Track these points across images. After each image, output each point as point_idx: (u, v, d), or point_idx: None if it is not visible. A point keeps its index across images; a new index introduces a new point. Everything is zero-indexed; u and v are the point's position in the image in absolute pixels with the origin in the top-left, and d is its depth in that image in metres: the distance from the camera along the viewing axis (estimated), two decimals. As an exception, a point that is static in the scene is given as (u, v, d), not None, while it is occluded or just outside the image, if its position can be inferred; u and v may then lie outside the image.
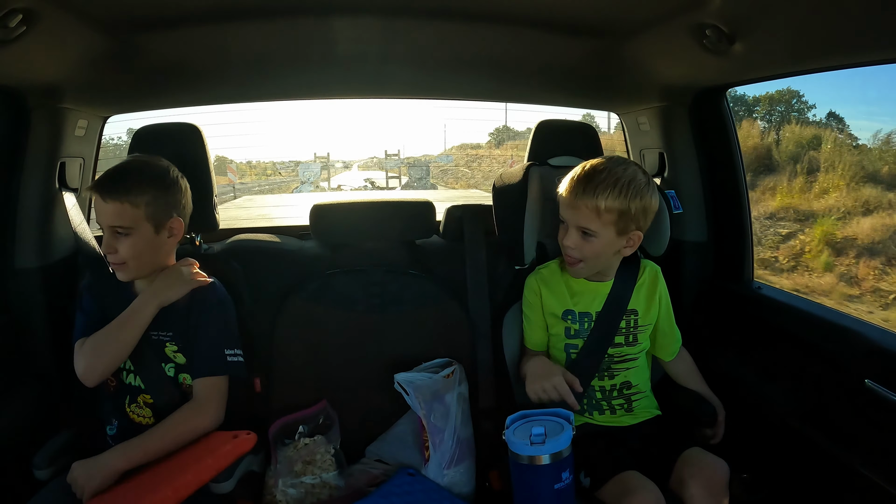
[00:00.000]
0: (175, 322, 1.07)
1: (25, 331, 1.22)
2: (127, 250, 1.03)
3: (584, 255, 1.08)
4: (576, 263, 1.09)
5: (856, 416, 1.02)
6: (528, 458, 0.92)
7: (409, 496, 1.09)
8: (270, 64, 1.31)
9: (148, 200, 1.04)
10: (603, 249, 1.07)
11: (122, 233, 1.03)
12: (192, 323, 1.07)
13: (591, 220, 1.05)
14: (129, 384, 1.07)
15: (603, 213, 1.04)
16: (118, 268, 1.05)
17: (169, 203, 1.07)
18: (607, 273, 1.15)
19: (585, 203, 1.04)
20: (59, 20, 0.94)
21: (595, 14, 1.08)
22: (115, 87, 1.30)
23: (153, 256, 1.08)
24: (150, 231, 1.05)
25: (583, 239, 1.07)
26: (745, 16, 0.95)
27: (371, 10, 1.08)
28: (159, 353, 1.07)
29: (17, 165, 1.21)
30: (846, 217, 6.44)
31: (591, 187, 1.04)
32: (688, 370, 1.23)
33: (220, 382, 1.06)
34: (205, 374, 1.05)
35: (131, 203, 1.03)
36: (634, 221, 1.06)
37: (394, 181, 20.95)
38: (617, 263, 1.15)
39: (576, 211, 1.06)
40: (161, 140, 1.22)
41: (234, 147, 31.65)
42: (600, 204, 1.03)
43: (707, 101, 1.38)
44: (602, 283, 1.15)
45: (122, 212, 1.02)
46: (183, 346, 1.07)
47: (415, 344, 1.28)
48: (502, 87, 1.57)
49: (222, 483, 0.98)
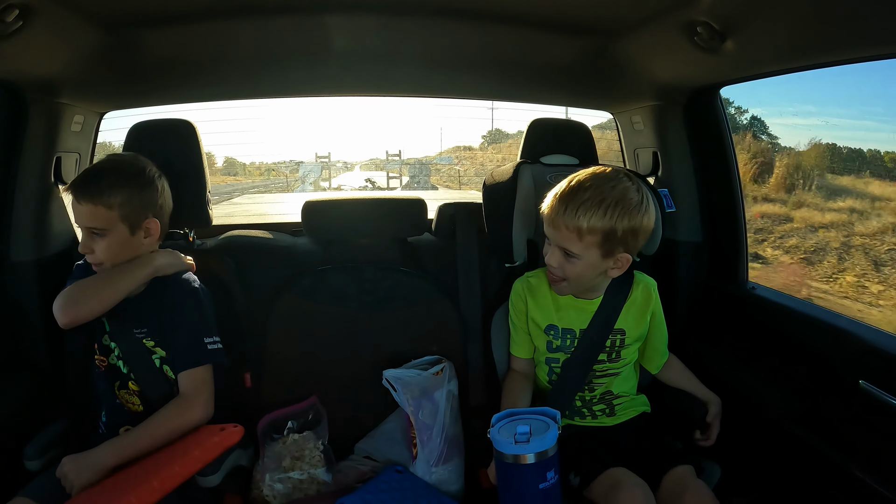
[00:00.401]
0: (149, 318, 1.07)
1: (20, 323, 1.23)
2: (103, 251, 1.04)
3: (566, 275, 1.02)
4: (559, 282, 1.05)
5: (850, 417, 1.01)
6: (512, 456, 0.91)
7: (397, 493, 1.09)
8: (268, 60, 1.31)
9: (122, 202, 1.03)
10: (585, 271, 1.01)
11: (98, 234, 1.03)
12: (168, 316, 1.07)
13: (572, 242, 0.98)
14: (118, 368, 1.07)
15: (585, 234, 0.96)
16: (96, 268, 1.06)
17: (144, 204, 1.07)
18: (596, 290, 1.10)
19: (566, 223, 0.96)
20: (56, 15, 0.95)
21: (587, 13, 1.09)
22: (112, 83, 1.31)
23: (130, 257, 1.07)
24: (126, 232, 1.05)
25: (565, 259, 1.00)
26: (736, 13, 0.95)
27: (368, 9, 1.09)
28: (141, 346, 1.07)
29: (13, 160, 1.22)
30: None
31: (573, 206, 0.96)
32: (678, 374, 1.21)
33: (205, 374, 1.05)
34: (189, 366, 1.04)
35: (105, 205, 1.02)
36: (622, 243, 0.98)
37: (394, 181, 21.05)
38: (606, 283, 1.10)
39: (557, 231, 0.99)
40: (155, 136, 1.23)
41: (236, 143, 31.86)
42: (582, 224, 0.95)
43: (701, 100, 1.38)
44: (589, 300, 1.10)
45: (95, 213, 1.02)
46: (159, 340, 1.07)
47: (406, 341, 1.28)
48: (497, 86, 1.57)
49: (209, 476, 0.98)
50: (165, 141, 1.22)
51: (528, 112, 23.24)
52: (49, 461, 1.02)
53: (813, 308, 1.22)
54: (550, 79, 1.42)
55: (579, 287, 1.07)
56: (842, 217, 6.47)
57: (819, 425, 1.05)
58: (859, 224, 6.26)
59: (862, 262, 5.72)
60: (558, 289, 1.07)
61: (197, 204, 1.23)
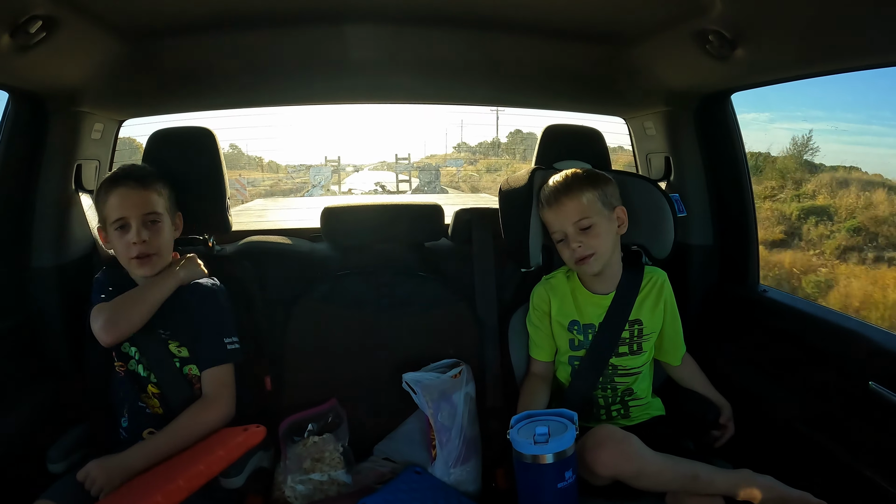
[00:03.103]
0: (173, 318, 1.09)
1: (41, 328, 1.24)
2: (157, 238, 1.08)
3: (592, 248, 1.12)
4: (587, 258, 1.13)
5: (860, 417, 1.02)
6: (531, 457, 0.93)
7: (416, 493, 1.10)
8: (282, 70, 1.33)
9: (167, 193, 1.13)
10: (603, 235, 1.13)
11: (155, 221, 1.08)
12: (191, 317, 1.09)
13: (580, 211, 1.12)
14: (137, 373, 1.09)
15: (586, 201, 1.13)
16: (145, 260, 1.08)
17: (171, 198, 1.14)
18: (611, 283, 1.17)
19: (569, 200, 1.13)
20: (79, 27, 0.97)
21: (600, 21, 1.11)
22: (131, 92, 1.33)
23: (169, 249, 1.13)
24: (170, 221, 1.12)
25: (583, 234, 1.12)
26: (747, 22, 0.97)
27: (382, 18, 1.10)
28: (164, 348, 1.09)
29: (34, 167, 1.24)
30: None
31: (565, 187, 1.14)
32: (692, 374, 1.23)
33: (226, 374, 1.08)
34: (210, 366, 1.07)
35: (156, 192, 1.10)
36: (613, 199, 1.15)
37: (404, 185, 20.95)
38: (619, 265, 1.18)
39: (564, 212, 1.13)
40: (175, 144, 1.25)
41: (252, 139, 31.98)
42: (581, 195, 1.13)
43: (712, 105, 1.40)
44: (604, 295, 1.17)
45: (150, 199, 1.09)
46: (184, 340, 1.10)
47: (423, 344, 1.30)
48: (510, 92, 1.59)
49: (233, 478, 1.00)
50: (185, 148, 1.24)
51: (528, 116, 23.08)
52: (72, 464, 1.04)
53: (823, 310, 1.23)
54: (564, 85, 1.45)
55: (605, 255, 1.14)
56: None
57: (829, 426, 1.06)
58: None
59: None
60: (589, 266, 1.14)
61: (216, 210, 1.25)
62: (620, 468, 0.96)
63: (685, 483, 0.98)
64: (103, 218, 1.10)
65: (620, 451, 0.96)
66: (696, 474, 0.98)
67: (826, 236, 7.57)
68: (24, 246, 1.24)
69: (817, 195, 8.47)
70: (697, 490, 0.98)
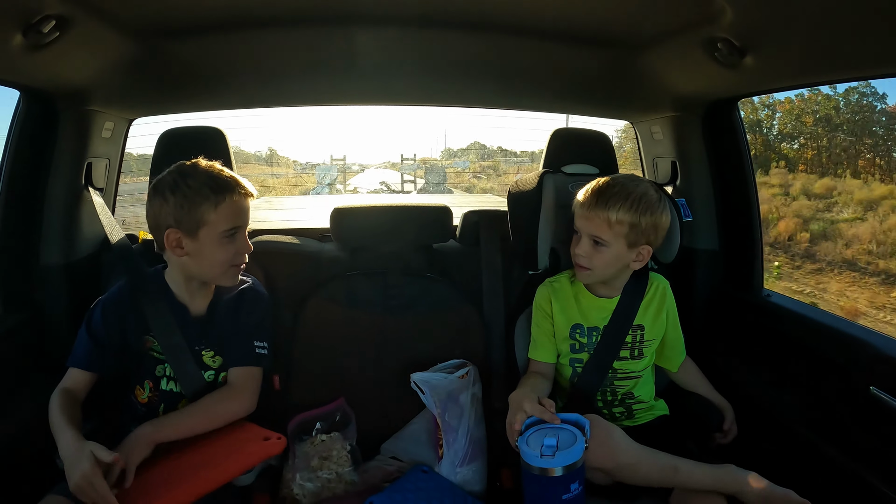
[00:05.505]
0: (214, 329, 1.10)
1: (50, 325, 1.25)
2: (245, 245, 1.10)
3: (592, 265, 1.12)
4: (584, 270, 1.13)
5: (861, 423, 1.03)
6: (539, 469, 0.93)
7: (423, 492, 1.11)
8: (290, 71, 1.34)
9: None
10: (612, 260, 1.11)
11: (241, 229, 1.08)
12: (233, 322, 1.11)
13: (603, 230, 1.09)
14: (168, 391, 1.09)
15: (614, 224, 1.08)
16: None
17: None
18: (616, 288, 1.18)
19: (598, 214, 1.09)
20: (91, 27, 0.97)
21: (610, 27, 1.11)
22: (142, 91, 1.34)
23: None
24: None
25: (594, 248, 1.11)
26: (756, 30, 0.98)
27: (390, 21, 1.11)
28: (199, 362, 1.09)
29: (45, 165, 1.24)
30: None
31: (603, 199, 1.09)
32: (694, 378, 1.25)
33: (255, 371, 1.10)
34: (238, 364, 1.09)
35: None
36: (644, 236, 1.10)
37: (409, 185, 20.91)
38: (626, 278, 1.18)
39: (589, 221, 1.11)
40: (185, 143, 1.25)
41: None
42: (612, 216, 1.08)
43: (719, 111, 1.41)
44: (610, 298, 1.18)
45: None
46: (220, 348, 1.11)
47: (430, 345, 1.31)
48: (518, 95, 1.60)
49: (242, 476, 1.01)
50: (195, 148, 1.24)
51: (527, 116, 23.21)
52: None
53: (826, 316, 1.24)
54: (573, 89, 1.45)
55: (601, 276, 1.14)
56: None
57: (831, 431, 1.07)
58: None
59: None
60: (582, 276, 1.15)
61: None
62: (600, 460, 0.97)
63: (666, 475, 0.99)
64: (197, 222, 1.02)
65: (600, 442, 0.97)
66: (675, 466, 0.99)
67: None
68: (33, 243, 1.25)
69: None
70: (678, 483, 0.99)
